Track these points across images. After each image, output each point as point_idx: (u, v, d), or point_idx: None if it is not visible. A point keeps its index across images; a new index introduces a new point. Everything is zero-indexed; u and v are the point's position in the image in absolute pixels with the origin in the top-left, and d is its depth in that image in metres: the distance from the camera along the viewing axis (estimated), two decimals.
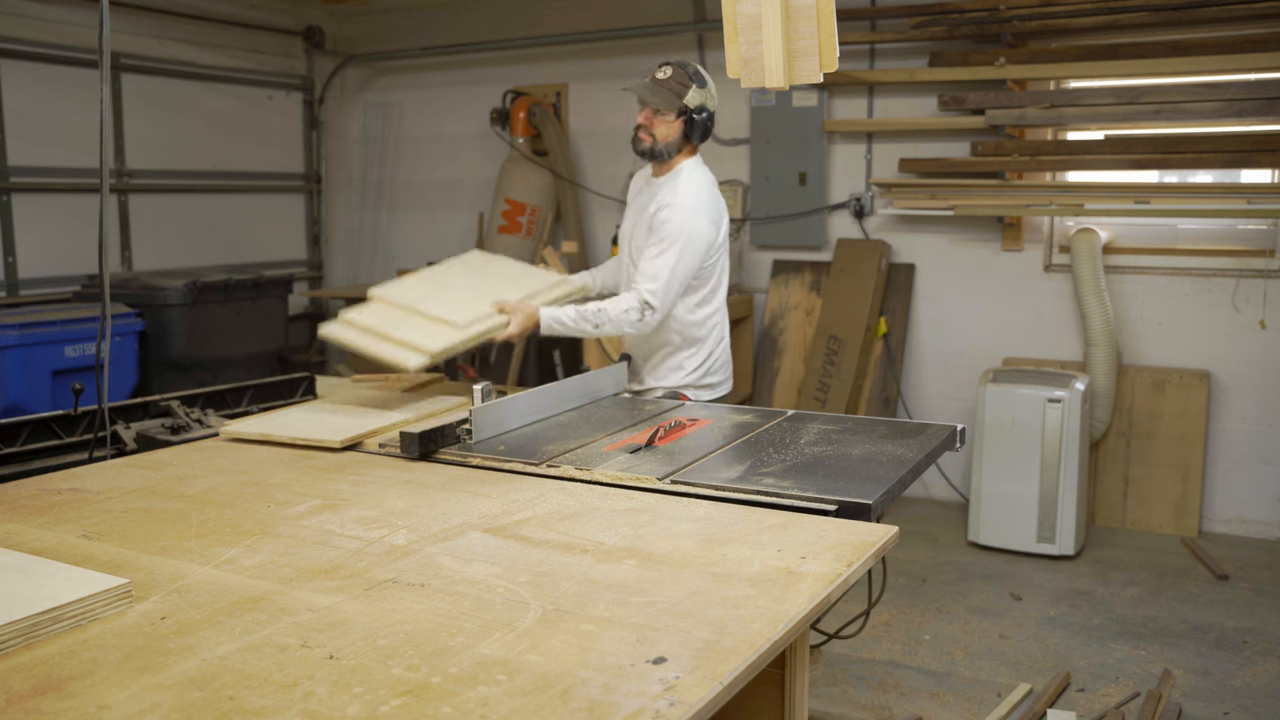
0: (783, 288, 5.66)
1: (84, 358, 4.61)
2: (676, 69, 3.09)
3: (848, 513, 1.81)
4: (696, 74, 3.09)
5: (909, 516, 5.13)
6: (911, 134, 5.31)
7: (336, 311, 3.01)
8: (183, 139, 6.06)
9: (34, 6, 5.25)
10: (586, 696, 1.15)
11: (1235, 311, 4.80)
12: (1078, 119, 4.85)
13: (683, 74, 3.08)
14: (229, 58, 6.34)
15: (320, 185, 6.97)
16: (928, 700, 3.28)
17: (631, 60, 6.02)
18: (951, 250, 5.35)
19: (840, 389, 5.22)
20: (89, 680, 1.20)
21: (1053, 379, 4.56)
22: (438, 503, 1.91)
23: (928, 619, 3.91)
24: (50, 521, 1.81)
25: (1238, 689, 3.34)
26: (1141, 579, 4.31)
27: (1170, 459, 4.85)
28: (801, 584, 1.48)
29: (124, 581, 1.43)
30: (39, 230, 5.28)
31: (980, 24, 4.91)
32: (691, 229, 3.02)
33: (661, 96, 3.07)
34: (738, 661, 1.23)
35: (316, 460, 2.24)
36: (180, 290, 5.09)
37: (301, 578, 1.53)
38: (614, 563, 1.57)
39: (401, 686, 1.18)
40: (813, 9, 1.92)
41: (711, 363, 3.21)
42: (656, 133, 3.10)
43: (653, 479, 1.99)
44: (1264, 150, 4.49)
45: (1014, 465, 4.57)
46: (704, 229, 3.05)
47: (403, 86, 6.84)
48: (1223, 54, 4.51)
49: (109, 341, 2.50)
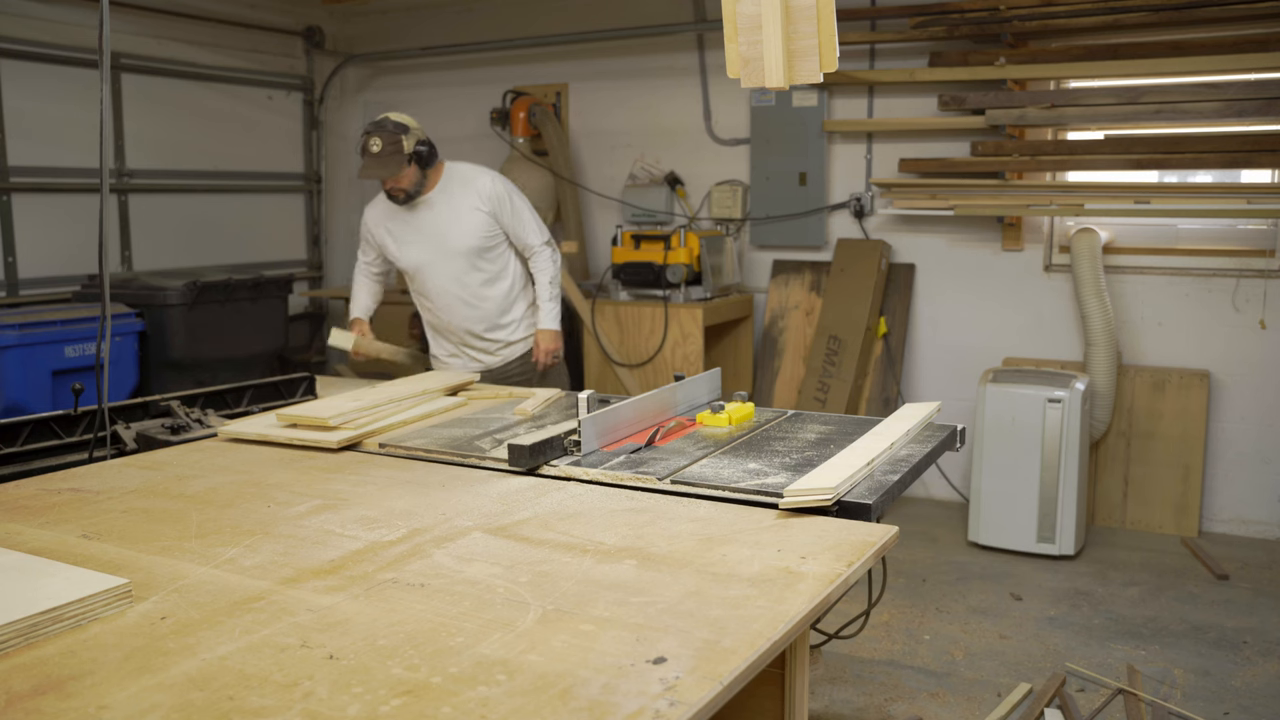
0: (783, 288, 5.66)
1: (84, 358, 4.60)
2: (379, 135, 3.48)
3: (848, 513, 1.81)
4: (395, 125, 3.52)
5: (909, 516, 5.13)
6: (911, 134, 5.32)
7: (337, 311, 3.01)
8: (183, 139, 6.05)
9: (34, 6, 5.25)
10: (586, 696, 1.15)
11: (1235, 311, 4.80)
12: (1078, 119, 4.84)
13: (388, 135, 3.49)
14: (229, 58, 6.34)
15: (320, 185, 6.97)
16: (928, 700, 3.28)
17: (631, 60, 6.02)
18: (951, 250, 5.35)
19: (840, 389, 5.22)
20: (89, 680, 1.20)
21: (1053, 379, 4.56)
22: (438, 503, 1.91)
23: (928, 619, 3.91)
24: (50, 521, 1.81)
25: (1238, 689, 3.34)
26: (1141, 579, 4.31)
27: (1170, 459, 4.85)
28: (801, 584, 1.48)
29: (124, 581, 1.43)
30: (39, 230, 5.28)
31: (980, 24, 4.91)
32: (507, 185, 3.74)
33: (389, 166, 3.49)
34: (738, 661, 1.23)
35: (316, 460, 2.24)
36: (180, 290, 5.08)
37: (301, 578, 1.53)
38: (614, 563, 1.57)
39: (401, 686, 1.18)
40: (813, 9, 1.92)
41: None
42: (405, 187, 3.57)
43: (653, 479, 1.99)
44: (1264, 150, 4.49)
45: (1014, 465, 4.57)
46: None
47: (403, 86, 6.85)
48: (1223, 54, 4.51)
49: (109, 341, 2.51)
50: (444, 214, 3.66)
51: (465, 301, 3.76)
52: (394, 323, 6.20)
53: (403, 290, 6.19)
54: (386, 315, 6.22)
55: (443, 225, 3.67)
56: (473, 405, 2.77)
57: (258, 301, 5.53)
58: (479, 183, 3.69)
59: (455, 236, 3.66)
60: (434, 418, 2.59)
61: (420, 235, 3.69)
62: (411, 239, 3.71)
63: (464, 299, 3.76)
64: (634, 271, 5.26)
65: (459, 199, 3.66)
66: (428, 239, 3.69)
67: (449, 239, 3.67)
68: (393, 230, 3.74)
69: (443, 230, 3.67)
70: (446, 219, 3.66)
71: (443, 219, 3.67)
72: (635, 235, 5.43)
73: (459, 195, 3.66)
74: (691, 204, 5.88)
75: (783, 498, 1.82)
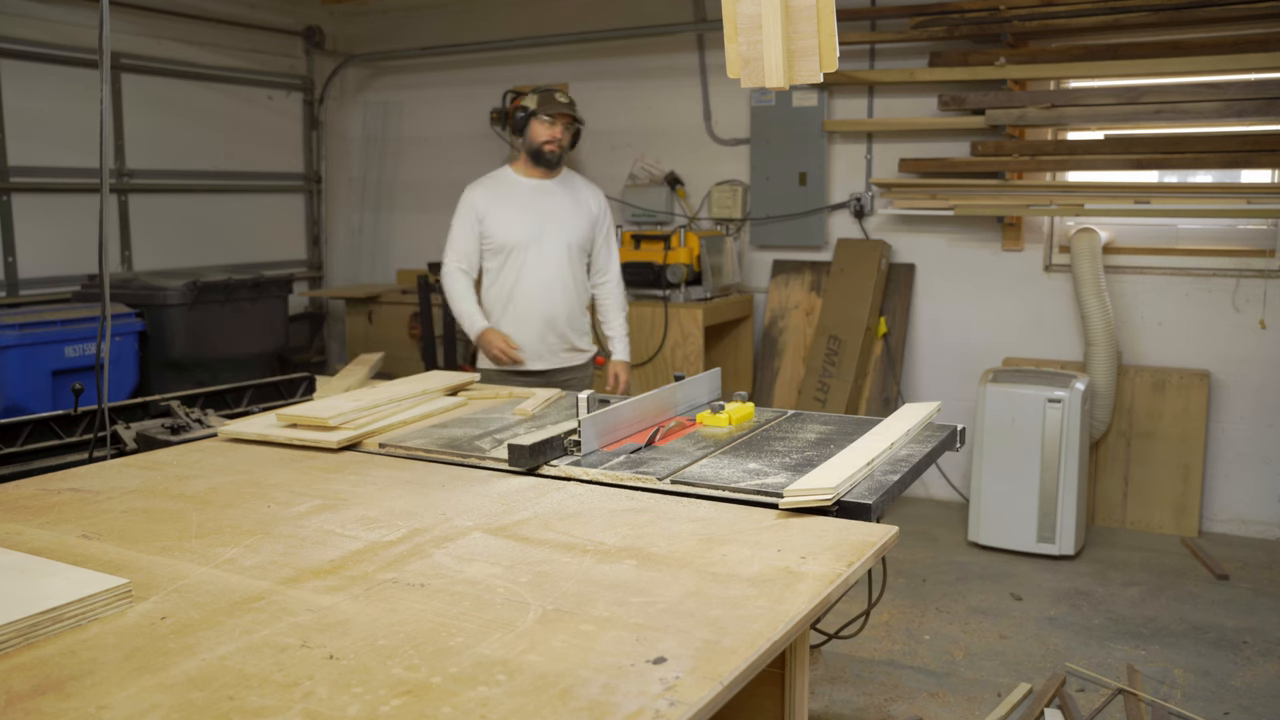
0: (783, 288, 5.66)
1: (84, 358, 4.60)
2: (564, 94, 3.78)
3: (848, 513, 1.81)
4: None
5: (909, 516, 5.14)
6: (911, 134, 5.32)
7: (337, 311, 3.01)
8: (183, 139, 6.06)
9: (34, 6, 5.25)
10: (586, 696, 1.15)
11: (1235, 311, 4.80)
12: (1078, 119, 4.85)
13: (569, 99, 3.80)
14: (229, 58, 6.34)
15: (320, 185, 6.97)
16: (928, 700, 3.28)
17: (632, 60, 6.02)
18: (951, 250, 5.35)
19: (840, 389, 5.22)
20: (89, 680, 1.20)
21: (1053, 379, 4.56)
22: (438, 503, 1.91)
23: (928, 619, 3.91)
24: (50, 521, 1.81)
25: (1238, 689, 3.34)
26: (1141, 579, 4.31)
27: (1170, 459, 4.85)
28: (801, 584, 1.48)
29: (124, 581, 1.43)
30: (39, 230, 5.28)
31: (980, 24, 4.91)
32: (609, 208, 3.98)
33: (574, 117, 3.79)
34: (738, 661, 1.23)
35: (316, 460, 2.24)
36: (180, 290, 5.08)
37: (301, 578, 1.53)
38: (614, 563, 1.57)
39: (401, 686, 1.18)
40: (813, 9, 1.91)
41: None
42: (565, 145, 3.80)
43: (653, 479, 1.99)
44: (1264, 150, 4.49)
45: (1014, 465, 4.57)
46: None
47: (403, 86, 6.84)
48: (1223, 54, 4.51)
49: (109, 341, 2.51)
50: (563, 202, 3.82)
51: (564, 288, 3.81)
52: (394, 322, 6.20)
53: (404, 290, 6.21)
54: (387, 315, 6.22)
55: (560, 210, 3.80)
56: (473, 405, 2.77)
57: (258, 301, 5.53)
58: (593, 191, 3.95)
59: (569, 225, 3.80)
60: (434, 418, 2.59)
61: (535, 214, 3.77)
62: (524, 217, 3.76)
63: (563, 286, 3.80)
64: (634, 271, 5.26)
65: (578, 193, 3.87)
66: (543, 219, 3.77)
67: (564, 224, 3.79)
68: (502, 207, 3.77)
69: (559, 215, 3.79)
70: (565, 206, 3.81)
71: (562, 205, 3.81)
72: (635, 235, 5.43)
73: (579, 190, 3.89)
74: (691, 204, 5.88)
75: (783, 498, 1.82)
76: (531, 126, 3.76)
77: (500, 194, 3.78)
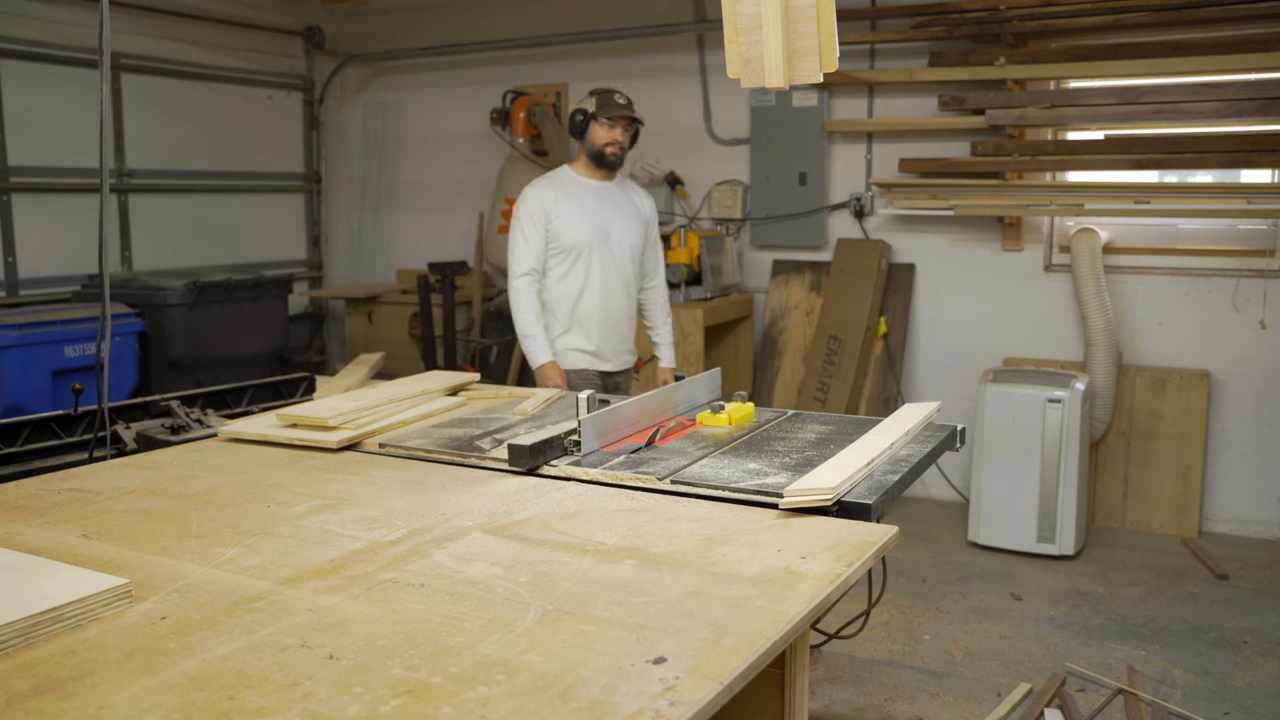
0: (783, 288, 5.66)
1: (84, 358, 4.60)
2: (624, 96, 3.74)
3: (848, 513, 1.81)
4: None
5: (909, 516, 5.14)
6: (911, 134, 5.31)
7: (337, 311, 3.01)
8: (183, 139, 6.06)
9: (34, 6, 5.25)
10: (586, 696, 1.15)
11: (1235, 311, 4.80)
12: (1078, 119, 4.85)
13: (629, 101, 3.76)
14: (229, 58, 6.34)
15: (320, 185, 6.97)
16: (928, 700, 3.28)
17: (631, 60, 6.02)
18: (951, 250, 5.35)
19: (840, 389, 5.22)
20: (89, 680, 1.20)
21: (1053, 379, 4.56)
22: (438, 503, 1.91)
23: (928, 619, 3.91)
24: (50, 521, 1.81)
25: (1238, 689, 3.34)
26: (1141, 579, 4.31)
27: (1170, 459, 4.85)
28: (801, 584, 1.48)
29: (124, 581, 1.43)
30: (39, 230, 5.28)
31: (980, 24, 4.91)
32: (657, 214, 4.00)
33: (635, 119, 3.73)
34: (738, 661, 1.23)
35: (316, 460, 2.24)
36: (180, 290, 5.08)
37: (301, 578, 1.53)
38: (614, 563, 1.57)
39: (401, 686, 1.18)
40: (813, 9, 1.91)
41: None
42: (627, 147, 3.77)
43: (653, 479, 1.99)
44: (1264, 150, 4.49)
45: (1014, 465, 4.57)
46: None
47: (403, 86, 6.84)
48: (1223, 54, 4.51)
49: (109, 341, 2.51)
50: (623, 203, 3.81)
51: (626, 290, 3.81)
52: (394, 322, 6.20)
53: (404, 290, 6.21)
54: (387, 315, 6.23)
55: (621, 213, 3.80)
56: (473, 405, 2.77)
57: (258, 301, 5.53)
58: (644, 195, 3.95)
59: (630, 227, 3.81)
60: (434, 418, 2.59)
61: (600, 216, 3.73)
62: (590, 219, 3.70)
63: (625, 288, 3.80)
64: None
65: (634, 197, 3.88)
66: (607, 221, 3.75)
67: (626, 227, 3.79)
68: (570, 207, 3.69)
69: (621, 217, 3.79)
70: (625, 209, 3.81)
71: (622, 208, 3.81)
72: None
73: (634, 194, 3.90)
74: (691, 204, 5.88)
75: (783, 498, 1.82)
76: (592, 129, 3.69)
77: (566, 194, 3.70)
